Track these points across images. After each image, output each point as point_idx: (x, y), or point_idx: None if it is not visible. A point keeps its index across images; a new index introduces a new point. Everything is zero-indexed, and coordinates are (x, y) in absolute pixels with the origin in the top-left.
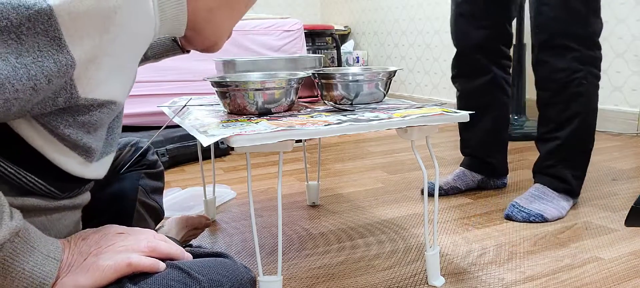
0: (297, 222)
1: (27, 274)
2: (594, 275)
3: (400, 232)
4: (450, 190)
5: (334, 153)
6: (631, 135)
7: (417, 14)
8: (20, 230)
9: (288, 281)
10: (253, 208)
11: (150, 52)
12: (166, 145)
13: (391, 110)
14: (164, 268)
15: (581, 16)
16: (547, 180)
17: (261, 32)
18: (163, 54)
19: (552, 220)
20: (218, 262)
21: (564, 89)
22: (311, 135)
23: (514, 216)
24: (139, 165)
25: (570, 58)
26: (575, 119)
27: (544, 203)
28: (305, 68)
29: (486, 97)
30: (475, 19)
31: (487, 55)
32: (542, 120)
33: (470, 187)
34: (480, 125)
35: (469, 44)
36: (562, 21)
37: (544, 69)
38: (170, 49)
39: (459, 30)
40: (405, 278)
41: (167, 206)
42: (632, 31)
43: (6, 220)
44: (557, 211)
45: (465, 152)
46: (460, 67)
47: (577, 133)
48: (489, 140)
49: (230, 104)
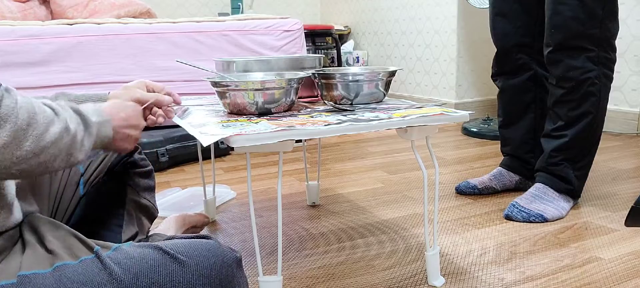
0: (297, 222)
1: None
2: (594, 275)
3: (400, 232)
4: (484, 190)
5: (334, 153)
6: (631, 135)
7: (417, 14)
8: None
9: (288, 281)
10: (253, 208)
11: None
12: (166, 145)
13: (391, 110)
14: (168, 100)
15: (598, 18)
16: (549, 180)
17: (261, 32)
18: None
19: (552, 221)
20: (202, 243)
21: (577, 87)
22: (311, 135)
23: (514, 216)
24: (127, 165)
25: (584, 58)
26: (585, 118)
27: (544, 203)
28: (305, 68)
29: (528, 94)
30: (513, 17)
31: (528, 53)
32: (550, 118)
33: (508, 188)
34: (521, 123)
35: (509, 42)
36: (580, 22)
37: (558, 67)
38: None
39: (497, 29)
40: (405, 278)
41: (167, 206)
42: (632, 31)
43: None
44: (558, 211)
45: (504, 150)
46: (501, 66)
47: (585, 132)
48: (529, 138)
49: (230, 104)
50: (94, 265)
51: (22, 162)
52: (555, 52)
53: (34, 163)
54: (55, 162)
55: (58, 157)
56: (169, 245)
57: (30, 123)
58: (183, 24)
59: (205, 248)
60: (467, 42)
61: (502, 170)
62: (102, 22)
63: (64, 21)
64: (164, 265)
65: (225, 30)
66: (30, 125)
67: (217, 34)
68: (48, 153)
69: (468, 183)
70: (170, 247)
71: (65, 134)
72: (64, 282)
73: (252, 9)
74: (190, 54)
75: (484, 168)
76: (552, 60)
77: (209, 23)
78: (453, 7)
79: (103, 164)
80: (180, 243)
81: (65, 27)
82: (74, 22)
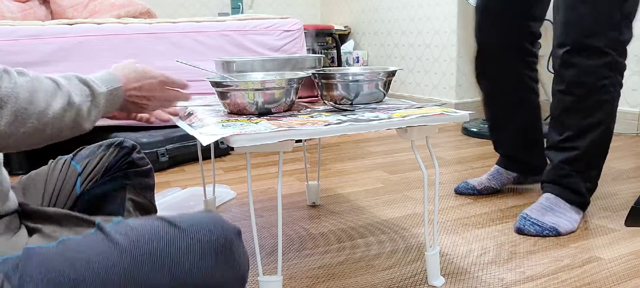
0: (297, 222)
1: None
2: (594, 275)
3: (400, 232)
4: (484, 190)
5: (334, 153)
6: (631, 135)
7: (417, 14)
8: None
9: (288, 281)
10: (253, 208)
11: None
12: (166, 145)
13: (391, 110)
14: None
15: (616, 19)
16: (559, 191)
17: (261, 32)
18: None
19: (565, 234)
20: (202, 214)
21: (590, 94)
22: (311, 135)
23: (526, 229)
24: (126, 164)
25: (602, 63)
26: (598, 129)
27: (557, 216)
28: (305, 68)
29: (513, 96)
30: (497, 16)
31: (512, 52)
32: (557, 127)
33: (506, 185)
34: (509, 125)
35: (491, 41)
36: (598, 22)
37: (570, 71)
38: None
39: (480, 27)
40: (405, 278)
41: (167, 206)
42: None
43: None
44: (570, 224)
45: (498, 150)
46: (484, 66)
47: (597, 143)
48: (520, 139)
49: (230, 104)
50: (97, 235)
51: (29, 138)
52: (572, 53)
53: (40, 137)
54: (62, 133)
55: (64, 129)
56: (170, 216)
57: (32, 101)
58: (183, 24)
59: (206, 218)
60: (467, 42)
61: (499, 168)
62: (102, 22)
63: (64, 21)
64: (164, 231)
65: (225, 30)
66: (31, 103)
67: (217, 34)
68: (54, 127)
69: (467, 184)
70: (171, 217)
71: (68, 108)
72: (68, 252)
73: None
74: (190, 54)
75: (484, 168)
76: (566, 63)
77: (209, 23)
78: (453, 7)
79: (101, 163)
80: (182, 214)
81: (65, 27)
82: (74, 22)
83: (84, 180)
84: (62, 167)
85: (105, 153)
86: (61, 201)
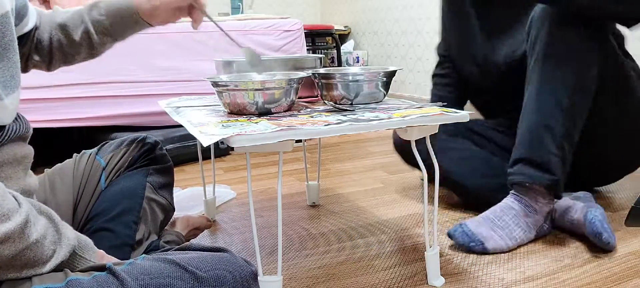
0: (297, 222)
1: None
2: (594, 275)
3: (400, 232)
4: None
5: (334, 153)
6: None
7: (417, 14)
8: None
9: (288, 281)
10: (253, 208)
11: (112, 29)
12: (166, 145)
13: (391, 110)
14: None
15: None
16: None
17: (261, 32)
18: (127, 31)
19: (492, 252)
20: (217, 256)
21: None
22: (311, 135)
23: (456, 237)
24: (147, 161)
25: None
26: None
27: (493, 230)
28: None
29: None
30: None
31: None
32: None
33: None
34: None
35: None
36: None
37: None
38: (132, 25)
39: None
40: (405, 278)
41: None
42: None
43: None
44: (503, 241)
45: None
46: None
47: None
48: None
49: (230, 104)
50: (108, 278)
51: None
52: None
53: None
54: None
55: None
56: (185, 259)
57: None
58: (183, 24)
59: (223, 262)
60: None
61: None
62: None
63: None
64: (181, 280)
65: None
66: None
67: (217, 33)
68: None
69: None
70: (187, 262)
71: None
72: None
73: (252, 9)
74: (190, 54)
75: None
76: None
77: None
78: None
79: (124, 159)
80: (196, 256)
81: None
82: None
83: (108, 175)
84: (87, 161)
85: (128, 148)
86: (87, 195)
